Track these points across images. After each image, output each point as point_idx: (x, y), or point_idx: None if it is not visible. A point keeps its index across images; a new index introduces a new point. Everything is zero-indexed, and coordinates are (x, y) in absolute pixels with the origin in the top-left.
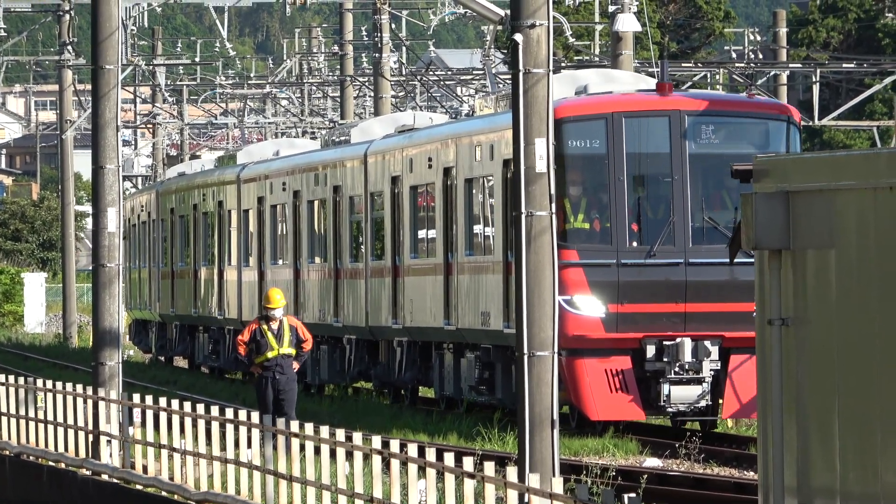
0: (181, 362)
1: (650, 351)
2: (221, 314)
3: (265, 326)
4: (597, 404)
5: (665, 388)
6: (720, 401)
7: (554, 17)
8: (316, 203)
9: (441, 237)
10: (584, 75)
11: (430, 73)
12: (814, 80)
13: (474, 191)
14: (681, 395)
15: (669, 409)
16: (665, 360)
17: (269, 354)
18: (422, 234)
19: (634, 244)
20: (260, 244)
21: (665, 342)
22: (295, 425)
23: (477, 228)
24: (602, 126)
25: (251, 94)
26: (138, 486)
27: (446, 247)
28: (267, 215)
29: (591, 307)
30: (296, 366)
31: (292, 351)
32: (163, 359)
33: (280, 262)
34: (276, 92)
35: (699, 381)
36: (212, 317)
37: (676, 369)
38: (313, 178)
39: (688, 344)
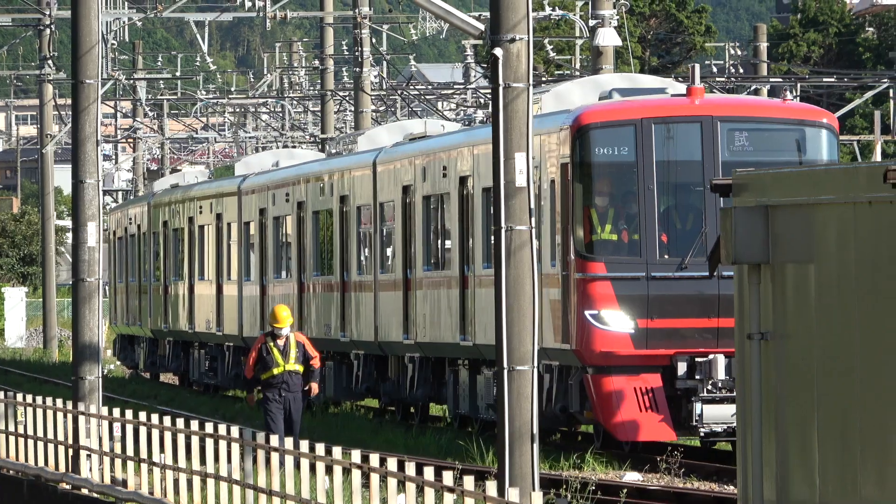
0: (166, 378)
1: (681, 368)
2: (220, 330)
3: (271, 343)
4: (625, 424)
5: (697, 407)
6: None
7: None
8: (321, 214)
9: (457, 249)
10: (608, 80)
11: (411, 87)
12: (794, 94)
13: (493, 201)
14: (714, 414)
15: (702, 430)
16: (697, 377)
17: (275, 371)
18: (435, 245)
19: (665, 256)
20: (262, 257)
21: (697, 359)
22: (275, 440)
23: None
24: (630, 132)
25: (247, 104)
26: (118, 501)
27: (462, 259)
28: (269, 227)
29: (619, 322)
30: (315, 388)
31: (299, 367)
32: (148, 375)
33: (283, 275)
34: (271, 103)
35: (733, 400)
36: (210, 333)
37: (709, 387)
38: (318, 188)
39: (721, 360)
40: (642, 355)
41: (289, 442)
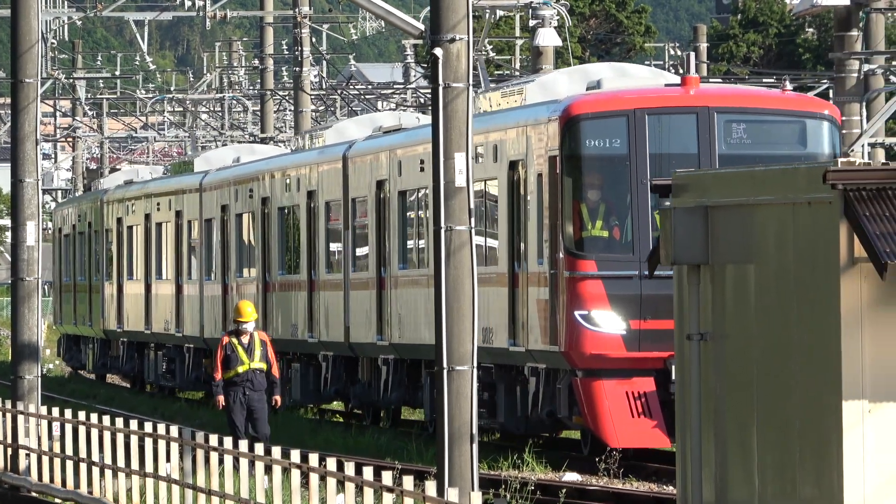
0: (112, 379)
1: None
2: (179, 331)
3: (235, 340)
4: (617, 430)
5: None
6: None
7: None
8: (287, 210)
9: (434, 246)
10: (597, 69)
11: (351, 87)
12: None
13: (475, 195)
14: None
15: None
16: None
17: (240, 369)
18: (412, 243)
19: None
20: (224, 256)
21: None
22: (214, 439)
23: (477, 237)
24: (623, 124)
25: (205, 100)
26: (57, 500)
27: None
28: (232, 224)
29: (610, 323)
30: (277, 401)
31: (263, 365)
32: (94, 376)
33: (247, 274)
34: (232, 100)
35: None
36: (168, 334)
37: None
38: (284, 183)
39: None
40: (635, 358)
41: (228, 441)
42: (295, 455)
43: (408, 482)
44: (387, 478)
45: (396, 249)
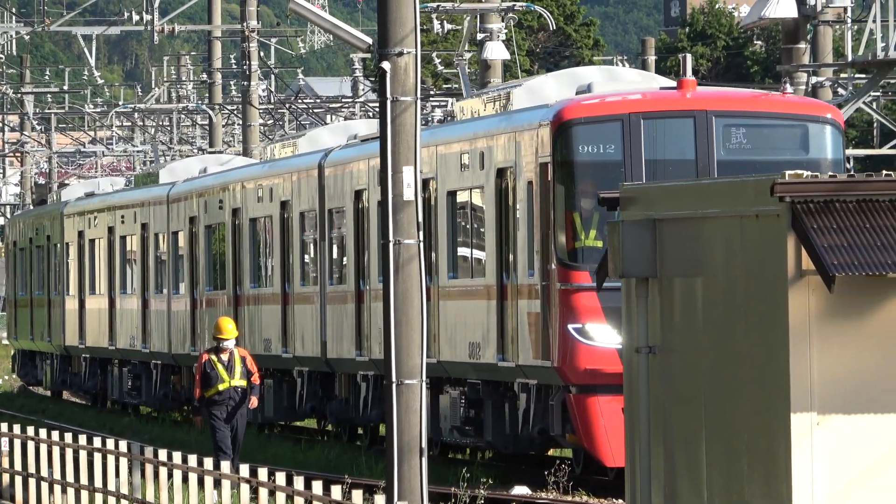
0: (67, 395)
1: None
2: (146, 347)
3: (215, 358)
4: (613, 448)
5: None
6: None
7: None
8: (259, 221)
9: (382, 260)
10: (587, 73)
11: (299, 100)
12: None
13: (459, 205)
14: None
15: None
16: None
17: (221, 387)
18: None
19: None
20: (192, 269)
21: None
22: (163, 454)
23: (462, 248)
24: (617, 129)
25: (159, 110)
26: None
27: (426, 269)
28: (201, 237)
29: (605, 337)
30: (254, 402)
31: (243, 383)
32: (49, 392)
33: (217, 288)
34: (196, 111)
35: None
36: (134, 350)
37: None
38: (256, 193)
39: None
40: None
41: (177, 456)
42: (244, 469)
43: (357, 496)
44: (336, 492)
45: (376, 262)
